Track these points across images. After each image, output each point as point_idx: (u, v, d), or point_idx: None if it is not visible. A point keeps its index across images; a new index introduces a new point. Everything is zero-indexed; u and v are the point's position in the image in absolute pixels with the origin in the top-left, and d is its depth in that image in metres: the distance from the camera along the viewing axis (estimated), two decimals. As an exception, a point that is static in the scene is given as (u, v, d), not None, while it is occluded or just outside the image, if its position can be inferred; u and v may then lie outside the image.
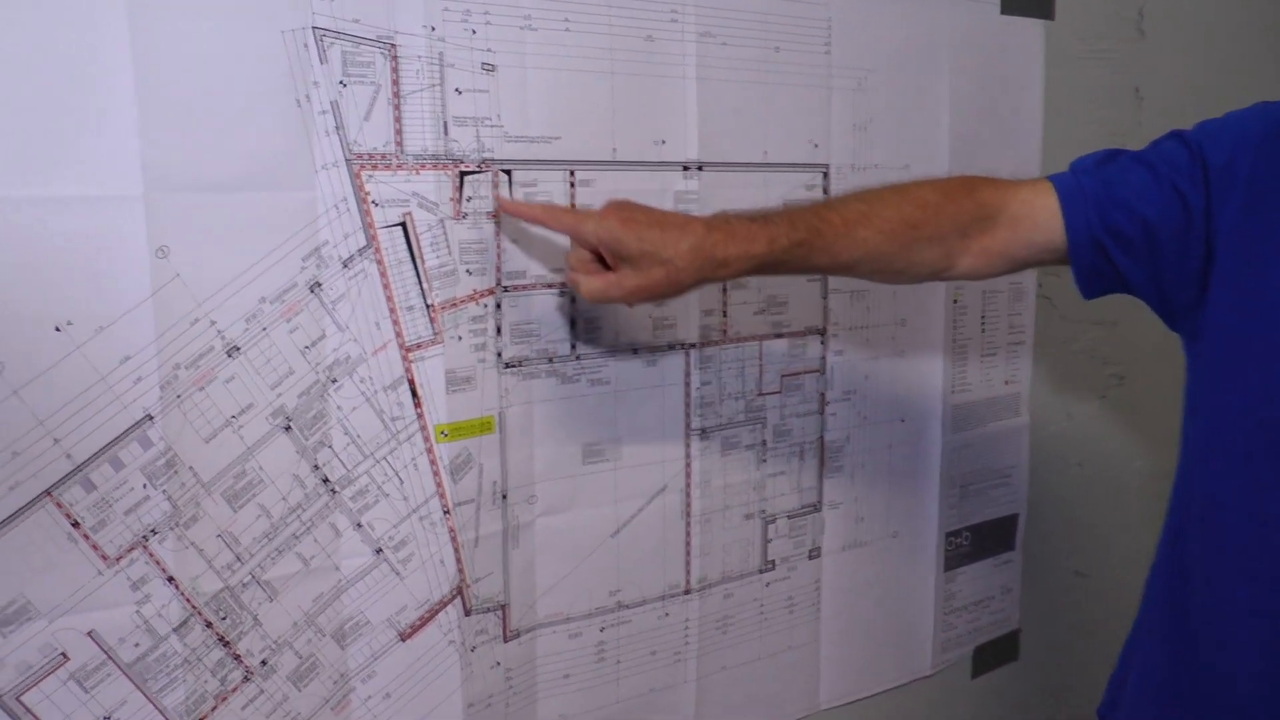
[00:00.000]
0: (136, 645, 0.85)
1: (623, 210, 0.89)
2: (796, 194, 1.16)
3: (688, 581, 1.16)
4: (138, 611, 0.85)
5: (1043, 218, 0.91)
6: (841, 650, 1.32)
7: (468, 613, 1.00)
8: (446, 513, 0.97)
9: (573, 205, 1.01)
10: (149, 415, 0.83)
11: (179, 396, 0.84)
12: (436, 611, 0.98)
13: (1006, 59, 1.34)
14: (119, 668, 0.84)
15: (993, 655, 1.52)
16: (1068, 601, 1.62)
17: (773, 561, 1.23)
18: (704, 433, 1.14)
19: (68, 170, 0.78)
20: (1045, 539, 1.56)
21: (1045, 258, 0.93)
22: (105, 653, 0.84)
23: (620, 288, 0.88)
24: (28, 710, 0.81)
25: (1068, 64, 1.42)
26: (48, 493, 0.80)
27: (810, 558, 1.26)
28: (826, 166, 1.18)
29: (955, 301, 1.33)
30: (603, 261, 0.90)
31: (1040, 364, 1.47)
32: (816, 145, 1.17)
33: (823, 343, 1.22)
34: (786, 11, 1.13)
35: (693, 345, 1.12)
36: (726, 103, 1.10)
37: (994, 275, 0.97)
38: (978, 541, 1.44)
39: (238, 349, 0.87)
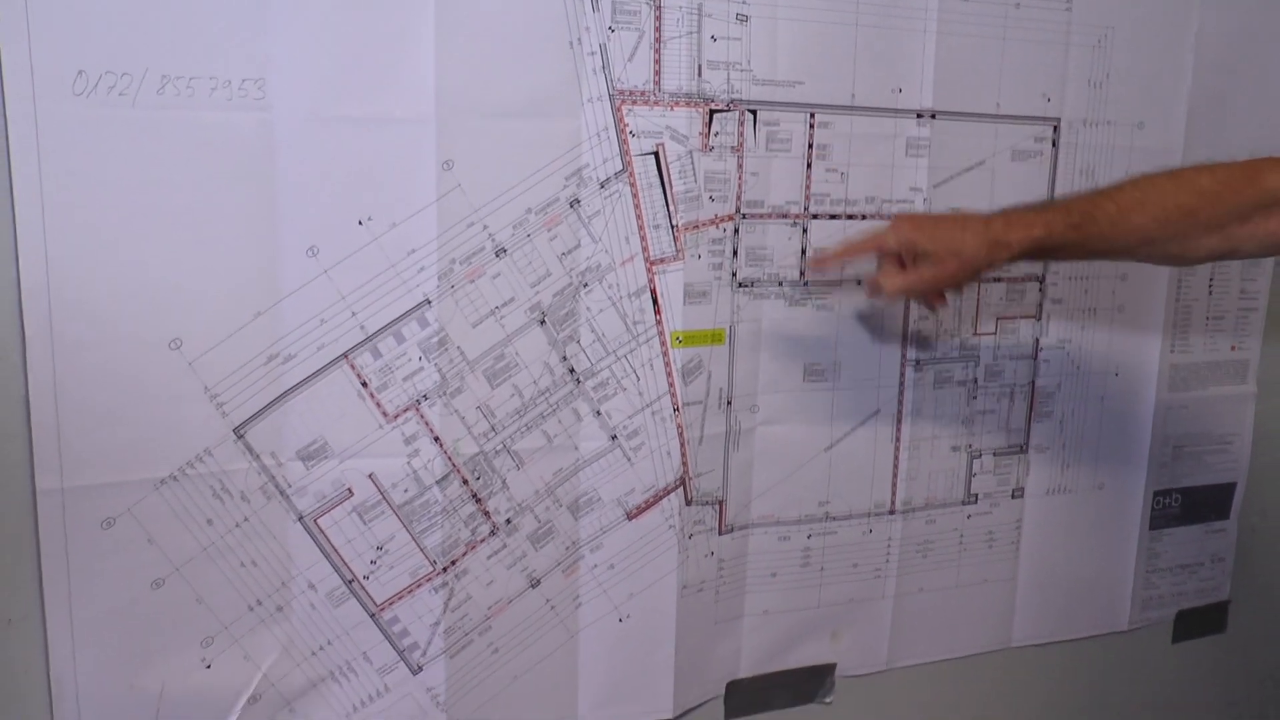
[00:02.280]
0: (405, 491, 1.01)
1: (913, 219, 1.01)
2: (1025, 145, 1.20)
3: (893, 502, 1.24)
4: (408, 463, 1.01)
5: None
6: (1038, 592, 1.37)
7: (688, 503, 1.13)
8: (676, 411, 1.10)
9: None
10: (427, 300, 0.99)
11: (453, 286, 0.99)
12: (660, 498, 1.11)
13: (1265, 17, 1.32)
14: (391, 508, 1.01)
15: (1197, 623, 1.52)
16: (1290, 580, 1.59)
17: (975, 495, 1.29)
18: (918, 364, 1.22)
19: (375, 95, 0.94)
20: (1266, 513, 1.54)
21: None
22: (381, 493, 1.01)
23: (921, 280, 1.00)
24: (322, 532, 1.00)
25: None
26: (345, 355, 0.97)
27: (1013, 497, 1.32)
28: (1058, 120, 1.22)
29: (1183, 261, 1.34)
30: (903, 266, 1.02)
31: (1274, 332, 1.44)
32: (1049, 99, 1.21)
33: (1041, 290, 1.27)
34: (1030, -32, 1.18)
35: (913, 282, 1.19)
36: (963, 55, 1.16)
37: (1274, 253, 0.99)
38: (1189, 505, 1.45)
39: (505, 250, 1.01)
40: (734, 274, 1.11)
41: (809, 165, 1.12)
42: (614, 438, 1.09)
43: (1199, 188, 0.95)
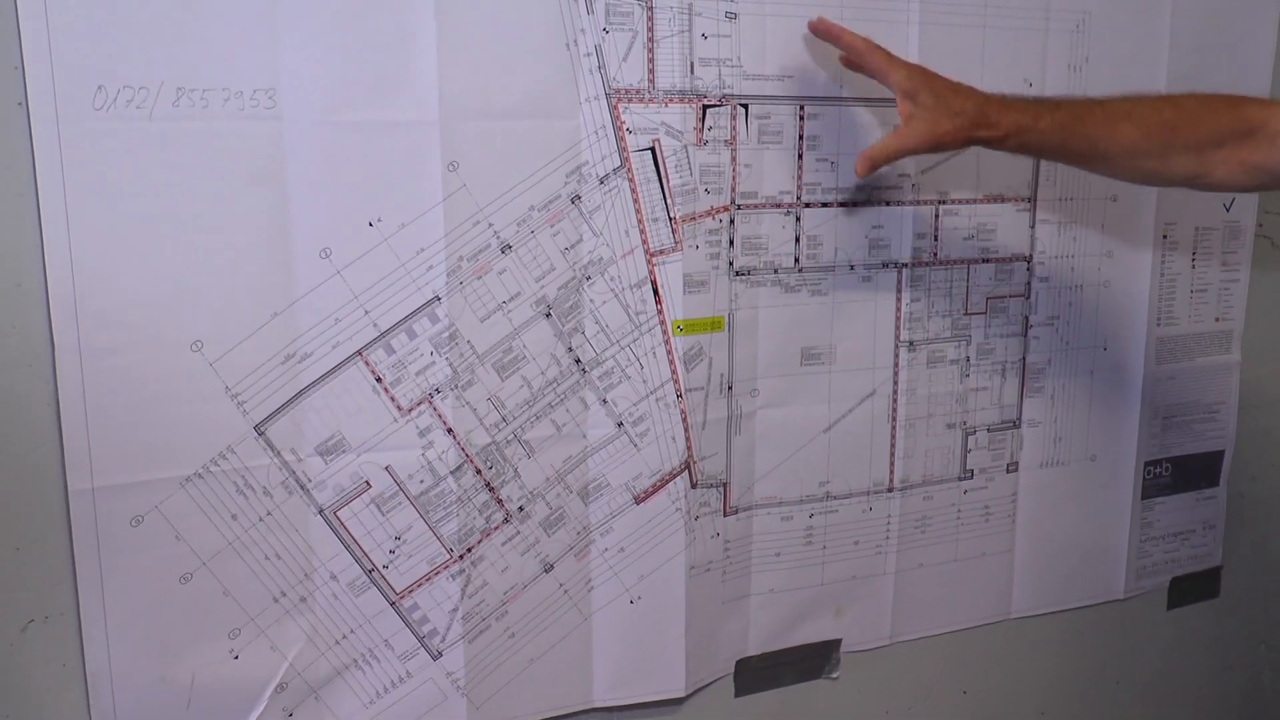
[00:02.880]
0: (421, 482, 1.05)
1: (924, 70, 1.03)
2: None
3: (891, 480, 1.28)
4: (423, 454, 1.05)
5: None
6: (1035, 563, 1.41)
7: (694, 485, 1.16)
8: (679, 396, 1.13)
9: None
10: (437, 296, 1.02)
11: (461, 283, 1.03)
12: (667, 481, 1.15)
13: (1237, 2, 1.36)
14: (408, 498, 1.05)
15: (1191, 589, 1.56)
16: (1277, 545, 1.63)
17: (971, 470, 1.33)
18: (911, 345, 1.26)
19: (381, 100, 0.97)
20: (1255, 479, 1.58)
21: None
22: (398, 485, 1.04)
23: (913, 136, 1.01)
24: (341, 524, 1.03)
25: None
26: (359, 352, 1.01)
27: (1008, 471, 1.36)
28: (1040, 104, 1.26)
29: (1165, 237, 1.38)
30: None
31: (1257, 303, 1.48)
32: (1030, 84, 1.25)
33: (1029, 269, 1.31)
34: (1008, -42, 1.21)
35: (905, 264, 1.23)
36: (946, 43, 1.20)
37: (1249, 189, 1.03)
38: (1179, 473, 1.49)
39: (510, 247, 1.05)
40: (731, 263, 1.15)
41: (800, 156, 1.15)
42: (620, 425, 1.12)
43: (1184, 106, 1.00)
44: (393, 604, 1.06)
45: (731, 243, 1.14)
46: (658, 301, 1.11)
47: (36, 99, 0.86)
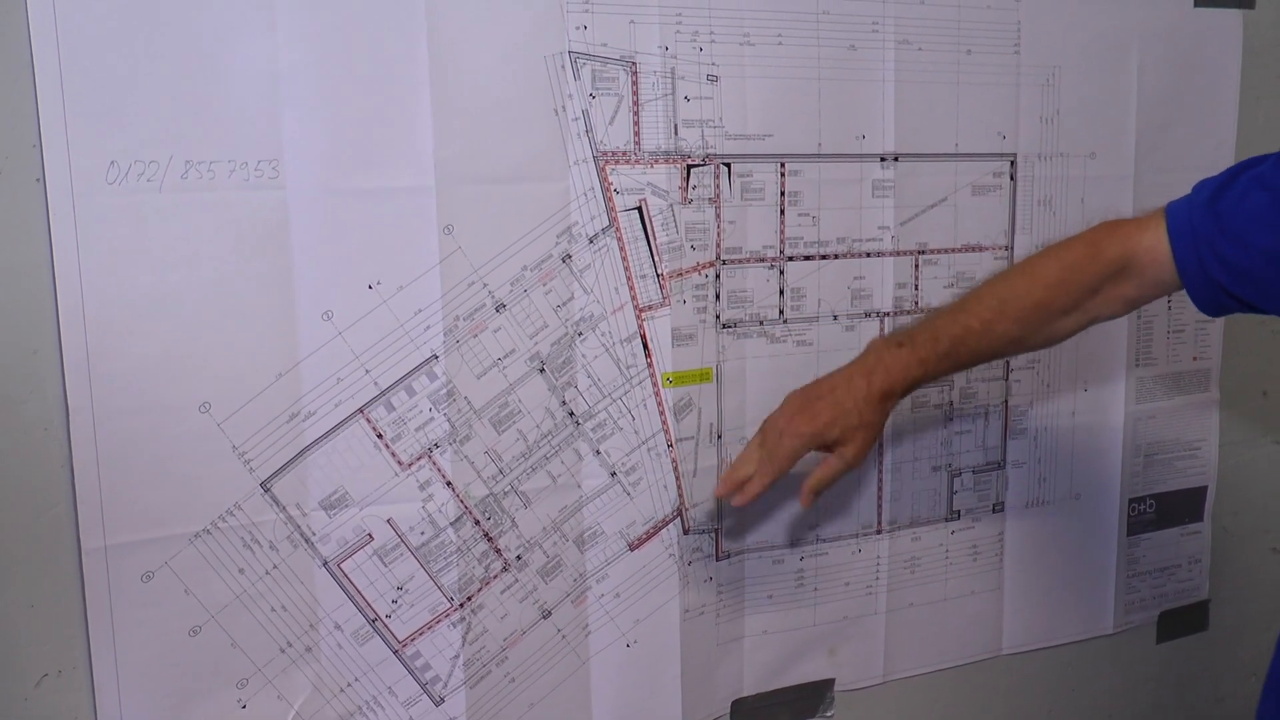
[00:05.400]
0: (422, 533, 1.09)
1: (805, 413, 1.04)
2: (985, 181, 1.29)
3: (879, 522, 1.32)
4: (423, 507, 1.09)
5: (1165, 260, 0.95)
6: (1024, 600, 1.44)
7: (686, 532, 1.20)
8: (670, 446, 1.17)
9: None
10: (435, 355, 1.07)
11: (458, 341, 1.07)
12: (660, 528, 1.19)
13: (1200, 50, 1.41)
14: (409, 549, 1.09)
15: (1180, 622, 1.58)
16: (1264, 578, 1.66)
17: (958, 511, 1.37)
18: (895, 391, 1.29)
19: (380, 168, 1.02)
20: (1239, 514, 1.61)
21: (1176, 289, 0.98)
22: (399, 537, 1.08)
23: (843, 460, 1.04)
24: (345, 575, 1.07)
25: (1268, 51, 1.47)
26: (360, 410, 1.05)
27: (994, 511, 1.39)
28: (1014, 155, 1.31)
29: (1140, 281, 1.42)
30: None
31: (1233, 342, 1.52)
32: (1004, 136, 1.30)
33: (1008, 315, 1.34)
34: (978, 18, 1.26)
35: (887, 313, 1.28)
36: (921, 100, 1.25)
37: (1135, 309, 1.05)
38: (1163, 510, 1.52)
39: (504, 306, 1.09)
40: (718, 316, 1.19)
41: (782, 212, 1.20)
42: (613, 474, 1.16)
43: (1048, 280, 1.01)
44: (396, 652, 1.09)
45: (718, 297, 1.19)
46: (647, 355, 1.15)
47: (53, 175, 0.91)
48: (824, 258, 1.23)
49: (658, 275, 1.15)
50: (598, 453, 1.15)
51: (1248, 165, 0.92)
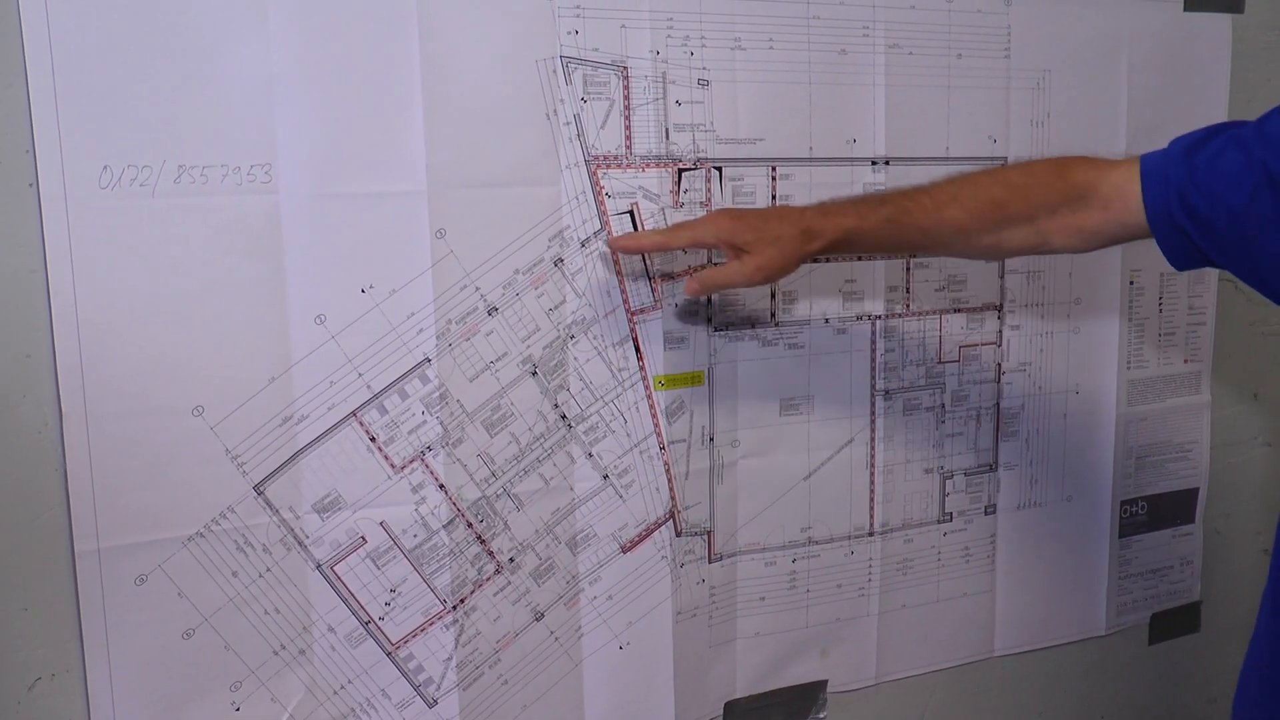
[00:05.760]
0: (415, 536, 1.09)
1: (729, 212, 1.06)
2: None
3: (871, 525, 1.32)
4: (416, 510, 1.09)
5: (1132, 201, 0.94)
6: (1016, 601, 1.44)
7: (678, 534, 1.21)
8: (662, 449, 1.18)
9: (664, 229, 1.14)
10: (427, 358, 1.07)
11: (450, 345, 1.08)
12: (652, 531, 1.19)
13: (1190, 53, 1.42)
14: (402, 552, 1.09)
15: (1172, 624, 1.59)
16: (1255, 580, 1.66)
17: (950, 514, 1.37)
18: (887, 394, 1.30)
19: (372, 173, 1.03)
20: (1230, 516, 1.61)
21: (1139, 234, 0.96)
22: (392, 539, 1.08)
23: (742, 271, 1.03)
24: (339, 578, 1.07)
25: (1257, 55, 1.48)
26: (354, 413, 1.05)
27: (986, 513, 1.40)
28: (1004, 159, 1.31)
29: (1131, 283, 1.43)
30: None
31: (1224, 344, 1.53)
32: (995, 140, 1.31)
33: (999, 318, 1.35)
34: (968, 22, 1.27)
35: (879, 316, 1.28)
36: (911, 105, 1.25)
37: (1091, 250, 1.02)
38: (1155, 512, 1.53)
39: (496, 309, 1.10)
40: (709, 319, 1.19)
41: (773, 215, 1.20)
42: (606, 477, 1.16)
43: (1010, 181, 1.00)
44: (389, 654, 1.10)
45: (709, 300, 1.19)
46: (639, 358, 1.16)
47: (46, 180, 0.91)
48: (815, 261, 1.23)
49: (649, 279, 1.15)
50: (590, 455, 1.15)
51: (1228, 126, 0.92)
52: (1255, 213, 0.86)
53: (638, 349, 1.16)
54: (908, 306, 1.30)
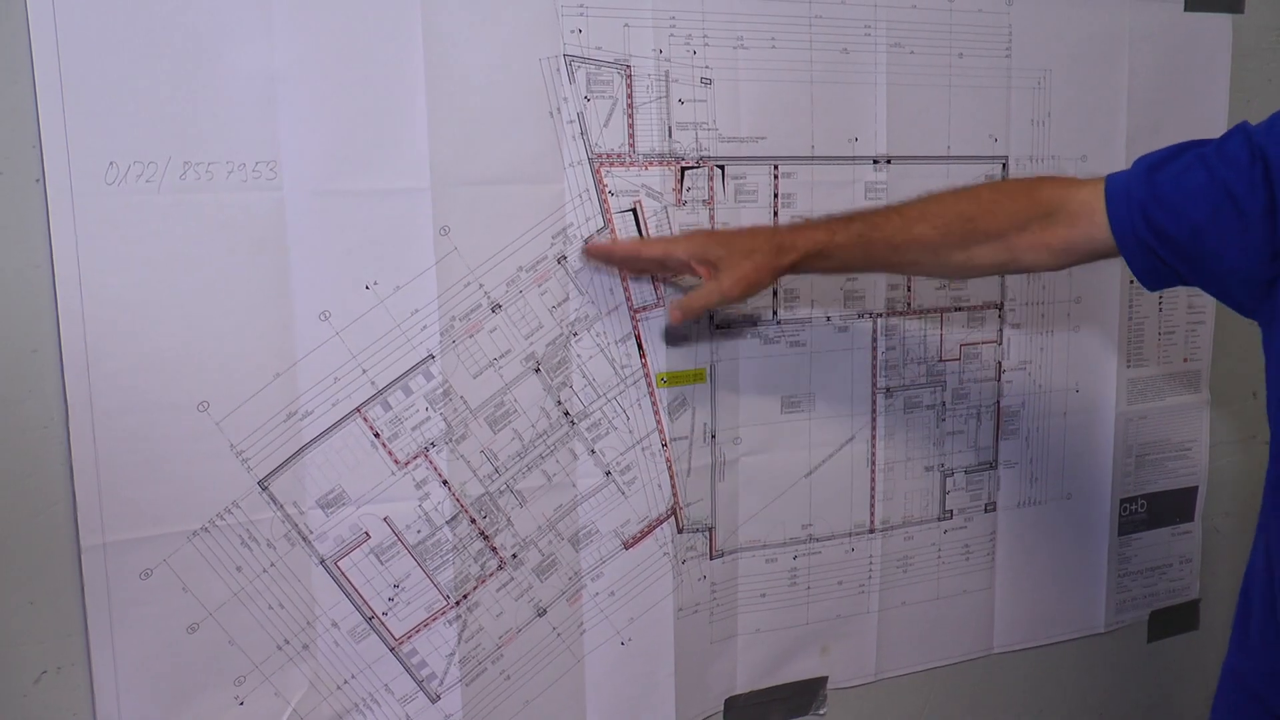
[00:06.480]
0: (418, 532, 1.10)
1: (704, 231, 1.09)
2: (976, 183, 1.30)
3: (872, 522, 1.33)
4: (419, 505, 1.09)
5: (1099, 217, 0.96)
6: (1015, 599, 1.45)
7: (680, 530, 1.21)
8: (664, 446, 1.18)
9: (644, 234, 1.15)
10: (431, 355, 1.08)
11: (454, 341, 1.08)
12: (654, 527, 1.20)
13: (1190, 53, 1.43)
14: (405, 548, 1.09)
15: (1170, 622, 1.60)
16: (1254, 578, 1.67)
17: (950, 511, 1.38)
18: (888, 391, 1.31)
19: (376, 170, 1.03)
20: (1229, 514, 1.62)
21: (1108, 252, 0.98)
22: (396, 535, 1.09)
23: (719, 289, 1.04)
24: (342, 573, 1.08)
25: (1257, 55, 1.49)
26: (358, 409, 1.06)
27: (986, 511, 1.40)
28: (1005, 158, 1.32)
29: (1131, 282, 1.43)
30: None
31: (1223, 343, 1.53)
32: (996, 139, 1.31)
33: (1000, 316, 1.36)
34: (970, 22, 1.28)
35: (880, 314, 1.29)
36: (913, 104, 1.26)
37: (1061, 268, 1.04)
38: (1154, 510, 1.53)
39: (500, 306, 1.10)
40: (711, 317, 1.20)
41: (775, 213, 1.21)
42: (608, 474, 1.17)
43: (980, 198, 1.02)
44: (392, 649, 1.10)
45: (711, 299, 1.20)
46: (642, 355, 1.16)
47: (53, 175, 0.92)
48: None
49: (652, 276, 1.16)
50: (593, 452, 1.16)
51: (1192, 145, 0.94)
52: (1217, 228, 0.89)
53: (640, 346, 1.16)
54: (909, 305, 1.30)
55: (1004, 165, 1.32)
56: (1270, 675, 0.96)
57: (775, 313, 1.23)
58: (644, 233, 1.14)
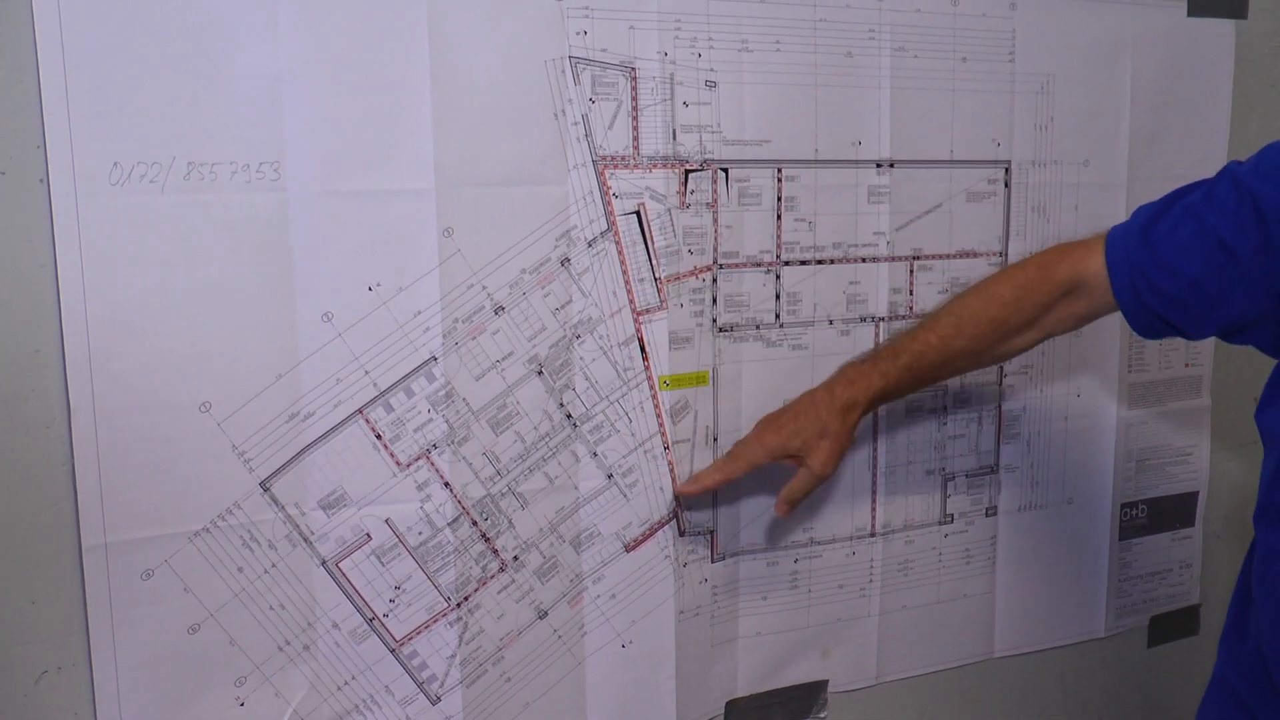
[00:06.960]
0: (420, 534, 1.10)
1: (769, 426, 1.12)
2: (979, 187, 1.30)
3: (873, 526, 1.33)
4: (421, 507, 1.09)
5: (1110, 286, 1.00)
6: (1016, 603, 1.45)
7: (682, 534, 1.21)
8: (666, 448, 1.18)
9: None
10: (434, 356, 1.08)
11: (457, 343, 1.08)
12: (656, 530, 1.20)
13: (1193, 58, 1.43)
14: (407, 549, 1.09)
15: (1171, 627, 1.60)
16: (1254, 583, 1.67)
17: (951, 515, 1.38)
18: (889, 395, 1.31)
19: (380, 171, 1.03)
20: (1230, 520, 1.62)
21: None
22: (397, 537, 1.09)
23: (812, 475, 1.11)
24: (343, 574, 1.07)
25: (1260, 60, 1.49)
26: (359, 411, 1.06)
27: (987, 515, 1.40)
28: (1008, 163, 1.32)
29: (1133, 287, 1.43)
30: None
31: (1224, 349, 1.53)
32: (999, 144, 1.31)
33: (1002, 321, 1.36)
34: (973, 26, 1.28)
35: (882, 318, 1.29)
36: (916, 108, 1.26)
37: (1085, 325, 1.08)
38: (1155, 515, 1.53)
39: (503, 308, 1.10)
40: (714, 320, 1.20)
41: (779, 217, 1.21)
42: (610, 476, 1.17)
43: (1003, 299, 1.05)
44: (393, 651, 1.10)
45: (714, 301, 1.20)
46: (645, 358, 1.16)
47: (57, 176, 0.92)
48: (820, 263, 1.24)
49: (655, 279, 1.16)
50: (595, 455, 1.16)
51: (1181, 194, 0.96)
52: (1214, 277, 0.91)
53: (643, 349, 1.16)
54: (910, 309, 1.30)
55: (1006, 169, 1.32)
56: (1258, 685, 0.96)
57: (777, 316, 1.23)
58: (647, 236, 1.14)
